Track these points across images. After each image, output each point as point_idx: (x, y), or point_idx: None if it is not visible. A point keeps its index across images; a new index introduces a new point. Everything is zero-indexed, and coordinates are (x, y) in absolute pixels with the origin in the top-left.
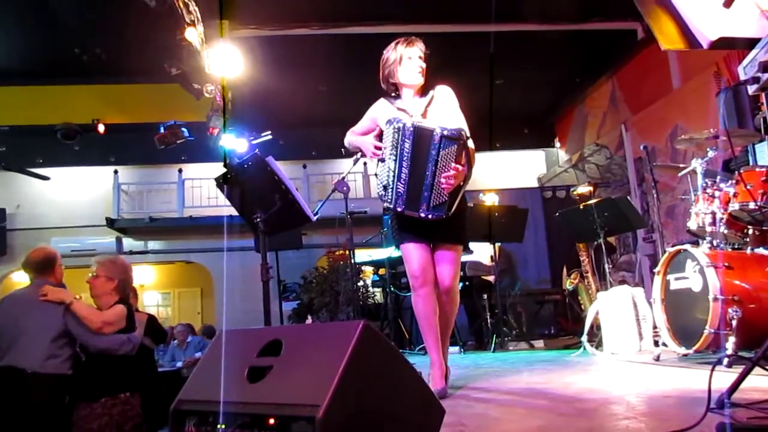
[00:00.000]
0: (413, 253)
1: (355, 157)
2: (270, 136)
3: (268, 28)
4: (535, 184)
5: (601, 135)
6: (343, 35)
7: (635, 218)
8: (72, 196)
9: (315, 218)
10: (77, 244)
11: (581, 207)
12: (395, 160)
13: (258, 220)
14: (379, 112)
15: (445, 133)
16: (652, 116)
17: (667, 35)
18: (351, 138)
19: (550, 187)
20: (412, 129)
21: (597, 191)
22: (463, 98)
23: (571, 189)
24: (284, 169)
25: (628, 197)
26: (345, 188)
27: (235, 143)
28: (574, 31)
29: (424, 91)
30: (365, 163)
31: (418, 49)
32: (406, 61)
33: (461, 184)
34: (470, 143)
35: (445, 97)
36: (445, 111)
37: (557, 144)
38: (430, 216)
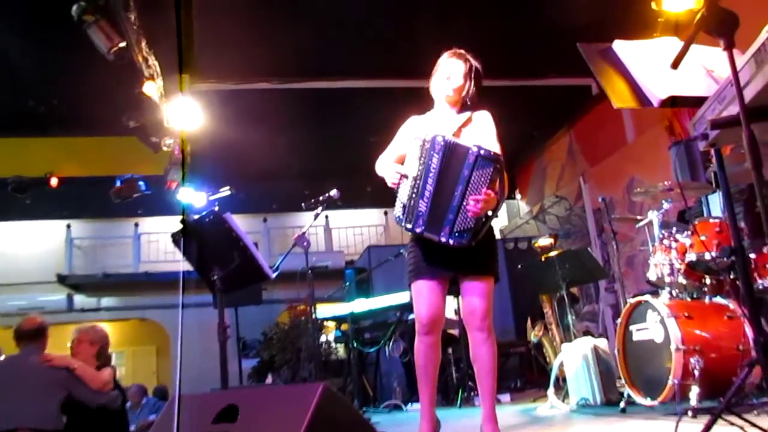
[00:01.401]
0: (424, 295)
1: (315, 211)
2: (229, 192)
3: (229, 82)
4: (498, 236)
5: (561, 186)
6: (302, 90)
7: (596, 269)
8: (21, 250)
9: (274, 275)
10: (25, 301)
11: (543, 259)
12: (420, 177)
13: (215, 277)
14: (408, 129)
15: (482, 152)
16: (609, 168)
17: (618, 94)
18: (378, 166)
19: (512, 238)
20: (443, 143)
21: (558, 242)
22: None
23: (533, 240)
24: (244, 222)
25: (589, 248)
26: (306, 243)
27: (194, 197)
28: (531, 86)
29: (463, 110)
30: (327, 216)
31: (461, 63)
32: (440, 71)
33: (489, 213)
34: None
35: (484, 121)
36: (481, 135)
37: (518, 196)
38: (451, 242)
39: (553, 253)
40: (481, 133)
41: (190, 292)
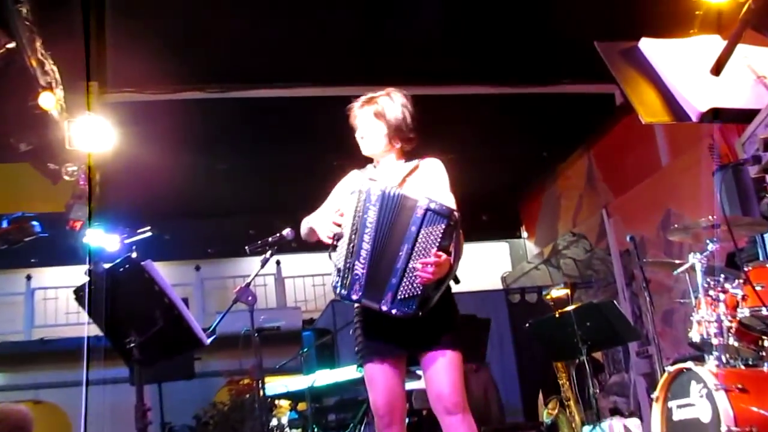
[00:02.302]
0: (377, 378)
1: (264, 256)
2: (150, 233)
3: (150, 91)
4: (499, 286)
5: (578, 222)
6: (246, 99)
7: (625, 328)
8: None
9: (209, 341)
10: None
11: (557, 315)
12: (355, 233)
13: (132, 344)
14: (346, 185)
15: (433, 206)
16: (639, 199)
17: (648, 106)
18: (305, 223)
19: (517, 288)
20: (379, 194)
21: (576, 293)
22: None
23: (544, 291)
24: (171, 272)
25: (615, 301)
26: (251, 297)
27: (104, 241)
28: (539, 94)
29: (409, 158)
30: (278, 262)
31: (365, 111)
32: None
33: (443, 278)
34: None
35: (433, 170)
36: (429, 185)
37: (524, 234)
38: (394, 311)
39: (569, 308)
40: (430, 182)
41: (98, 364)
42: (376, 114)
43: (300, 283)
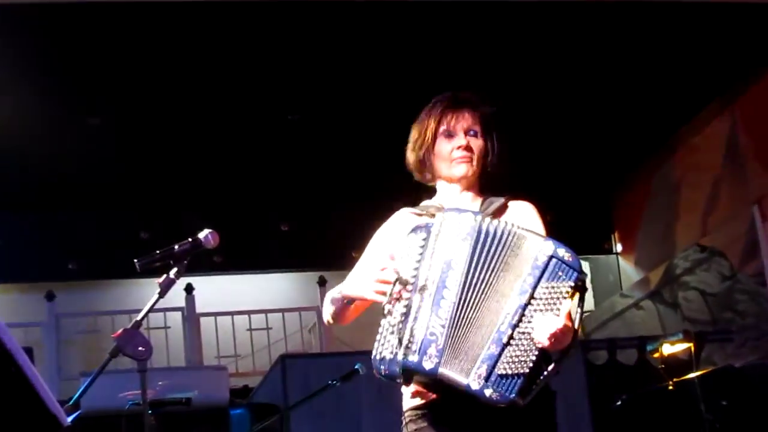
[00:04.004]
0: None
1: (165, 276)
2: None
3: None
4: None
5: (711, 229)
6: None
7: None
8: None
9: (71, 419)
10: None
11: (671, 385)
12: (426, 279)
13: None
14: (395, 227)
15: (561, 253)
16: None
17: None
18: (328, 298)
19: (602, 340)
20: (473, 224)
21: (705, 350)
22: None
23: (650, 346)
24: (5, 303)
25: None
26: (141, 347)
27: None
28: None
29: (480, 191)
30: (190, 289)
31: (468, 116)
32: (443, 139)
33: (559, 354)
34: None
35: (526, 217)
36: None
37: (617, 247)
38: (488, 393)
39: (692, 374)
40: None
41: None
42: (483, 120)
43: (226, 325)
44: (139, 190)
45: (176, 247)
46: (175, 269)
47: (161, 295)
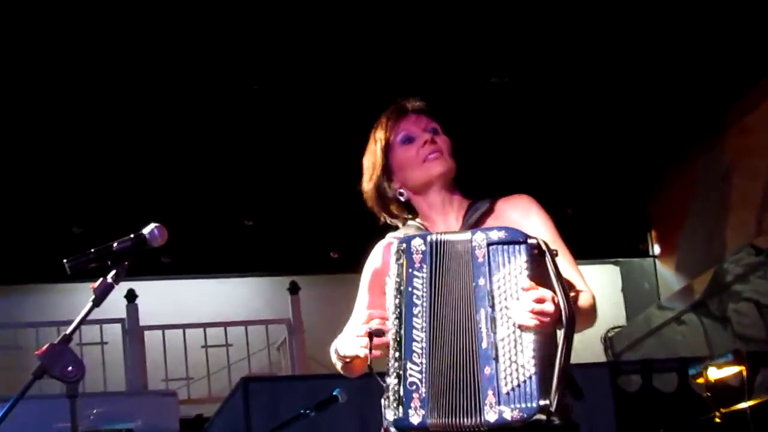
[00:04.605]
0: None
1: (101, 280)
2: None
3: None
4: (599, 354)
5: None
6: None
7: None
8: None
9: None
10: None
11: (719, 416)
12: (401, 322)
13: None
14: (378, 258)
15: (494, 236)
16: None
17: None
18: (332, 350)
19: (635, 362)
20: (426, 249)
21: (759, 373)
22: None
23: (693, 369)
24: None
25: None
26: (72, 367)
27: None
28: None
29: (464, 196)
30: (132, 296)
31: (422, 116)
32: (404, 147)
33: (560, 329)
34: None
35: (522, 210)
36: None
37: (654, 249)
38: (511, 414)
39: (744, 404)
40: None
41: None
42: (439, 121)
43: (176, 340)
44: (70, 176)
45: (115, 244)
46: (113, 272)
47: (97, 303)
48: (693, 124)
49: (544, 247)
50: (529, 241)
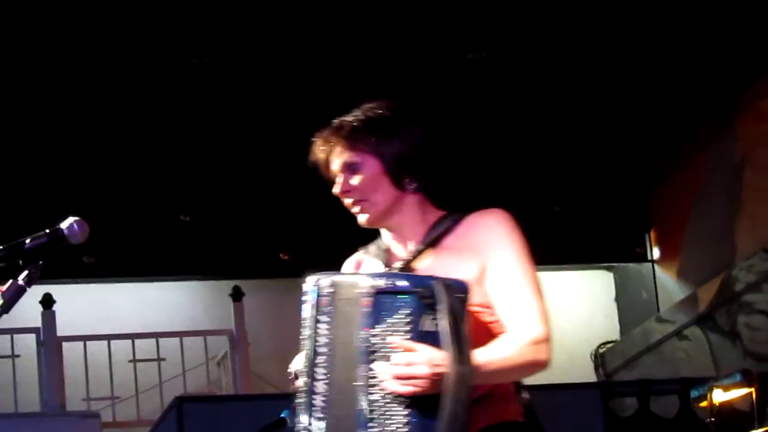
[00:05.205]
0: None
1: (11, 282)
2: None
3: None
4: (588, 374)
5: None
6: None
7: None
8: None
9: None
10: None
11: None
12: (308, 368)
13: None
14: None
15: (382, 283)
16: None
17: None
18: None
19: (630, 382)
20: (331, 290)
21: None
22: None
23: (696, 391)
24: None
25: None
26: None
27: None
28: None
29: (427, 213)
30: (47, 302)
31: (339, 146)
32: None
33: (457, 395)
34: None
35: (487, 227)
36: (473, 259)
37: (653, 253)
38: None
39: None
40: (477, 253)
41: None
42: (362, 138)
43: (100, 353)
44: None
45: (28, 240)
46: (25, 272)
47: (5, 309)
48: (699, 110)
49: (432, 295)
50: (419, 290)
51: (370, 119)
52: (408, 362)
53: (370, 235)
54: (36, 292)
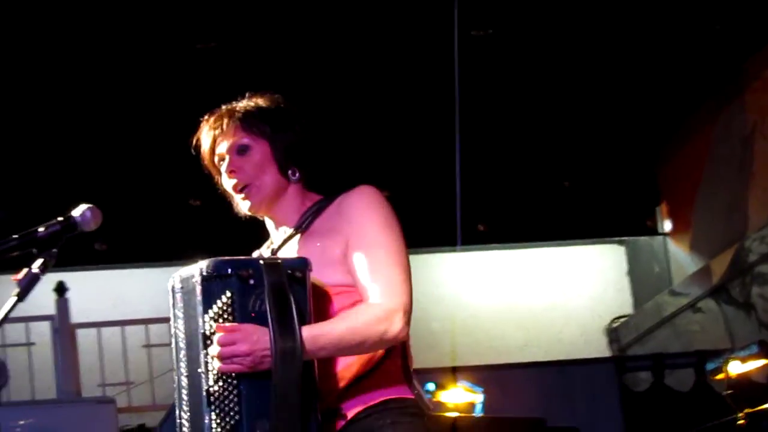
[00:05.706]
0: None
1: (26, 271)
2: None
3: None
4: (601, 349)
5: None
6: None
7: None
8: None
9: None
10: None
11: (741, 418)
12: (174, 359)
13: None
14: None
15: (205, 270)
16: None
17: None
18: None
19: (644, 356)
20: (178, 285)
21: None
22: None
23: (711, 364)
24: None
25: None
26: None
27: None
28: None
29: (307, 199)
30: (61, 289)
31: (231, 127)
32: (219, 166)
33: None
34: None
35: (352, 204)
36: (336, 240)
37: (664, 225)
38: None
39: None
40: (340, 234)
41: None
42: (256, 123)
43: (114, 340)
44: None
45: (41, 229)
46: (39, 261)
47: (21, 297)
48: (707, 80)
49: (247, 275)
50: (240, 272)
51: (268, 108)
52: (228, 341)
53: None
54: (49, 280)
